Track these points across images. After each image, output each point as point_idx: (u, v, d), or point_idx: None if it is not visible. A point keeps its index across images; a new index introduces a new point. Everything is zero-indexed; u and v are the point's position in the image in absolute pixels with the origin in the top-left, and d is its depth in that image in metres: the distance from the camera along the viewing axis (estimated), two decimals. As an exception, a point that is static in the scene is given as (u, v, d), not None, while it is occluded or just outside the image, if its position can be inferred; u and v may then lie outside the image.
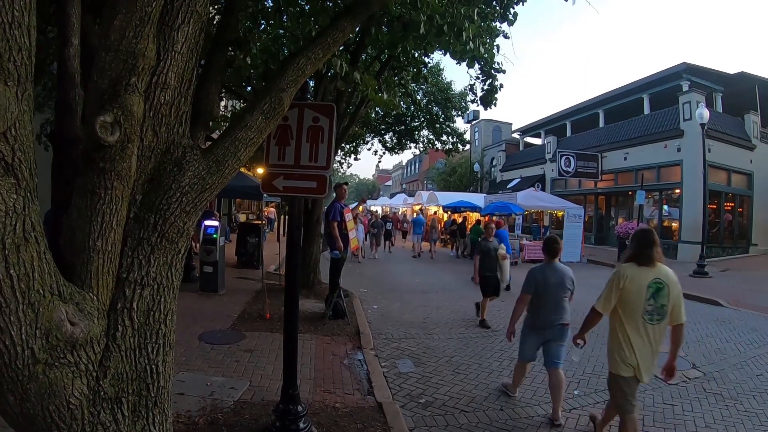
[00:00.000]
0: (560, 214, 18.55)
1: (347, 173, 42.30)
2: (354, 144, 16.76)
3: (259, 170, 9.63)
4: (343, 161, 19.82)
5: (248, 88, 8.25)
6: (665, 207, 17.97)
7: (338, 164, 20.13)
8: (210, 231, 7.82)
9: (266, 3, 5.63)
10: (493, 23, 6.83)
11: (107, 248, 1.61)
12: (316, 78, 7.56)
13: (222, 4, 5.13)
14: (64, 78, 2.27)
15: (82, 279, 1.58)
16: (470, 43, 4.32)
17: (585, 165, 20.44)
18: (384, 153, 18.51)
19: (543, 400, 4.34)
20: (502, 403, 4.29)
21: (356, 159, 24.15)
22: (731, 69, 18.64)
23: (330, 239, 6.96)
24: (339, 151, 14.36)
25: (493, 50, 7.01)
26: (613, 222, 20.60)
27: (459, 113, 16.82)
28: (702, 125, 13.01)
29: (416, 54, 7.59)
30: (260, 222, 12.74)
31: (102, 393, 1.56)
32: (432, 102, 15.77)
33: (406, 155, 55.84)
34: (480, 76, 8.02)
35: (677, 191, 17.00)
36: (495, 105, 7.84)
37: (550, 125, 27.29)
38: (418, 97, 14.65)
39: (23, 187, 1.34)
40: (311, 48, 2.42)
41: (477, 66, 7.59)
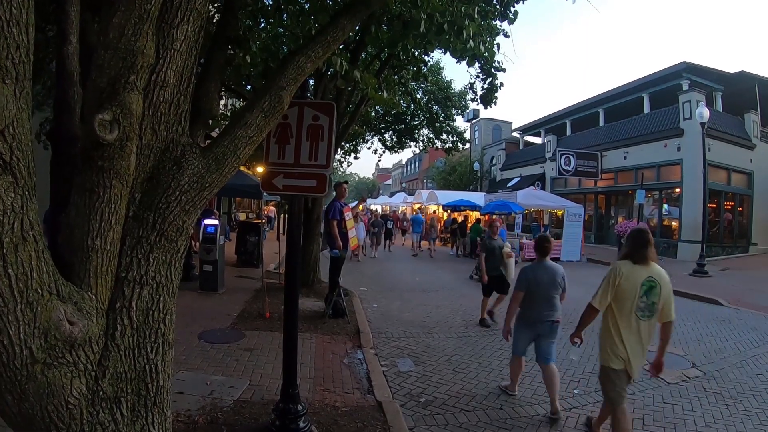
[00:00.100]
0: (560, 213, 18.56)
1: (347, 172, 42.32)
2: (354, 143, 16.73)
3: (259, 169, 9.61)
4: (343, 160, 19.81)
5: (248, 87, 8.24)
6: (665, 206, 17.98)
7: (338, 163, 20.12)
8: (210, 230, 7.80)
9: (266, 1, 5.62)
10: (494, 22, 6.81)
11: (106, 247, 1.60)
12: (316, 76, 7.54)
13: (221, 3, 5.11)
14: (63, 76, 2.26)
15: (81, 278, 1.57)
16: (470, 42, 4.30)
17: (585, 164, 20.44)
18: (384, 152, 18.52)
19: (543, 399, 4.33)
20: (502, 402, 4.29)
21: (356, 158, 24.13)
22: (731, 68, 18.77)
23: (329, 238, 6.95)
24: (339, 150, 14.34)
25: (494, 49, 6.99)
26: (613, 221, 20.61)
27: (459, 112, 16.78)
28: (702, 124, 13.01)
29: (416, 52, 7.58)
30: (260, 221, 12.73)
31: (101, 393, 1.56)
32: (432, 101, 15.74)
33: (406, 154, 55.88)
34: (480, 75, 8.00)
35: (677, 190, 17.01)
36: (495, 104, 7.82)
37: (550, 124, 27.27)
38: (418, 96, 14.63)
39: (21, 186, 1.33)
40: (311, 46, 2.42)
41: (477, 64, 7.57)
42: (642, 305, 3.15)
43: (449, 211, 22.24)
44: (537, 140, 29.58)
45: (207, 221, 7.86)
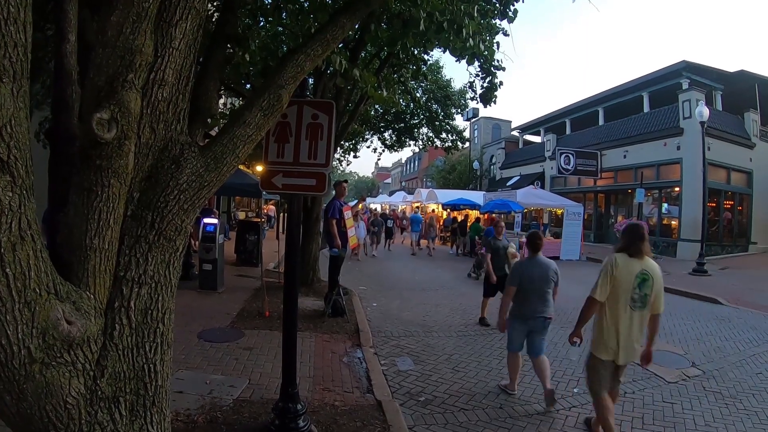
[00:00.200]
0: (560, 212, 18.57)
1: (346, 171, 42.27)
2: (353, 141, 16.72)
3: (258, 168, 9.61)
4: (343, 159, 19.80)
5: (247, 86, 8.22)
6: (665, 205, 17.99)
7: (337, 162, 20.12)
8: (209, 228, 7.80)
9: (265, 0, 5.61)
10: (493, 20, 6.79)
11: (104, 246, 1.60)
12: (316, 75, 7.53)
13: (221, 1, 5.10)
14: (61, 75, 2.24)
15: (79, 277, 1.57)
16: (470, 40, 4.30)
17: (584, 163, 20.44)
18: (383, 150, 18.50)
19: (542, 398, 4.33)
20: (502, 401, 4.29)
21: (355, 156, 24.10)
22: (731, 67, 18.76)
23: (328, 237, 6.95)
24: (338, 149, 14.33)
25: (493, 47, 6.98)
26: (613, 220, 20.61)
27: (458, 111, 16.76)
28: (702, 123, 13.00)
29: (416, 51, 7.56)
30: (259, 219, 12.73)
31: (99, 392, 1.55)
32: (431, 99, 15.71)
33: (406, 153, 55.81)
34: (480, 74, 7.99)
35: (677, 189, 17.01)
36: (495, 102, 7.82)
37: (550, 123, 27.26)
38: (418, 95, 14.59)
39: (19, 185, 1.32)
40: (310, 45, 2.41)
41: (477, 63, 7.54)
42: (635, 296, 3.27)
43: (448, 210, 22.25)
44: (537, 139, 29.57)
45: (206, 220, 7.86)
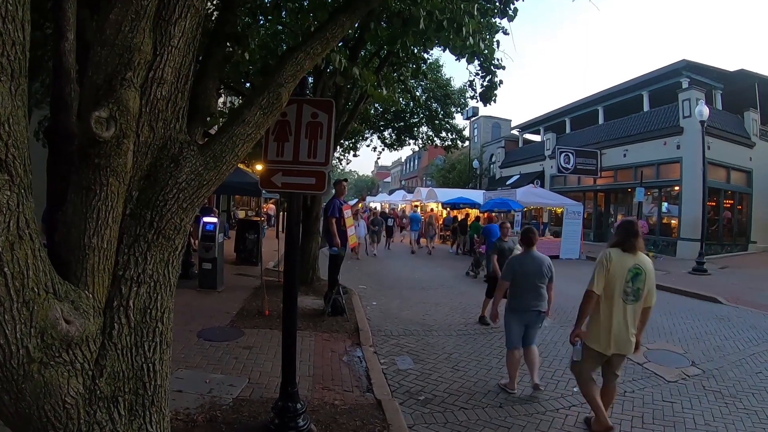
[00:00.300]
0: (559, 211, 18.57)
1: (346, 170, 42.20)
2: (353, 140, 16.71)
3: (258, 166, 9.60)
4: (342, 157, 19.80)
5: (247, 84, 8.21)
6: (664, 204, 17.98)
7: (337, 161, 20.12)
8: (209, 227, 7.79)
9: (265, -2, 5.60)
10: (493, 19, 6.79)
11: (103, 245, 1.59)
12: (315, 74, 7.52)
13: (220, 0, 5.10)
14: (60, 73, 2.23)
15: (78, 276, 1.56)
16: (470, 39, 4.29)
17: (584, 162, 20.41)
18: (383, 149, 18.54)
19: (542, 397, 4.34)
20: (502, 400, 4.28)
21: (355, 155, 24.12)
22: (731, 66, 18.70)
23: (328, 236, 6.94)
24: (338, 148, 14.32)
25: (493, 46, 6.99)
26: (613, 219, 20.59)
27: (458, 110, 16.75)
28: (701, 122, 12.99)
29: (415, 50, 7.56)
30: (259, 218, 12.73)
31: (98, 392, 1.55)
32: (431, 98, 15.69)
33: (405, 152, 55.85)
34: (479, 73, 8.00)
35: (676, 188, 17.00)
36: (494, 101, 7.83)
37: (550, 122, 27.23)
38: (418, 94, 14.60)
39: (17, 184, 1.32)
40: (310, 43, 2.40)
41: (477, 62, 7.55)
42: (628, 290, 3.38)
43: (448, 209, 22.24)
44: (536, 138, 29.54)
45: (206, 219, 7.85)
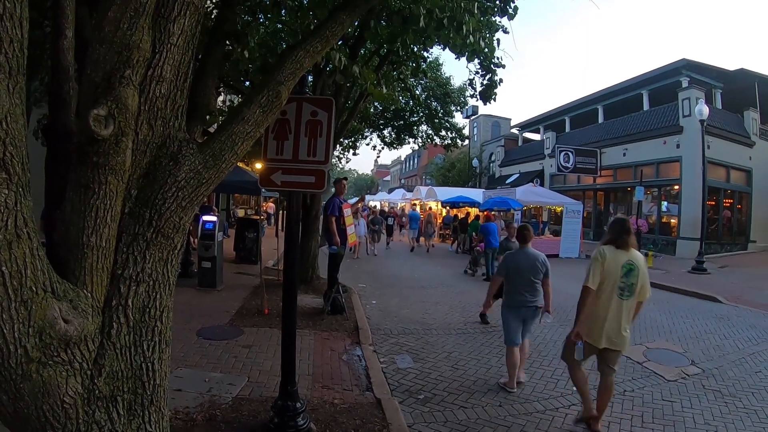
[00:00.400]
0: (559, 210, 18.57)
1: (346, 168, 42.24)
2: (353, 139, 16.70)
3: (257, 165, 9.58)
4: (342, 156, 19.80)
5: (246, 83, 8.19)
6: (664, 203, 17.98)
7: (337, 159, 20.12)
8: (208, 226, 7.78)
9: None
10: (493, 17, 6.77)
11: (101, 244, 1.58)
12: (315, 72, 7.50)
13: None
14: (58, 71, 2.21)
15: (76, 276, 1.55)
16: (470, 37, 4.28)
17: (584, 161, 20.41)
18: (383, 148, 18.53)
19: (542, 396, 4.35)
20: (501, 399, 4.28)
21: (355, 154, 24.10)
22: (731, 65, 18.73)
23: (328, 234, 6.94)
24: (337, 146, 14.31)
25: (493, 44, 6.97)
26: (612, 218, 20.57)
27: (458, 108, 16.72)
28: (701, 122, 12.99)
29: (415, 48, 7.55)
30: (259, 217, 12.72)
31: (97, 392, 1.54)
32: (431, 97, 15.67)
33: (405, 150, 55.85)
34: (479, 71, 7.97)
35: (676, 187, 17.00)
36: (494, 100, 7.81)
37: (549, 121, 27.22)
38: (417, 92, 14.58)
39: (15, 182, 1.31)
40: (310, 41, 2.39)
41: (477, 60, 7.53)
42: (622, 285, 3.48)
43: (447, 208, 22.23)
44: (536, 137, 29.55)
45: (205, 217, 7.84)
